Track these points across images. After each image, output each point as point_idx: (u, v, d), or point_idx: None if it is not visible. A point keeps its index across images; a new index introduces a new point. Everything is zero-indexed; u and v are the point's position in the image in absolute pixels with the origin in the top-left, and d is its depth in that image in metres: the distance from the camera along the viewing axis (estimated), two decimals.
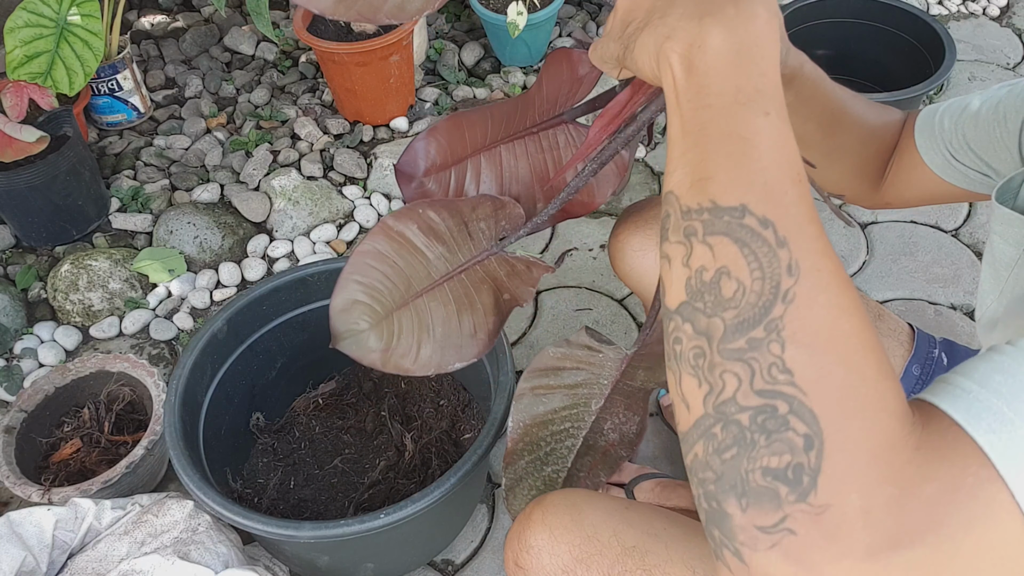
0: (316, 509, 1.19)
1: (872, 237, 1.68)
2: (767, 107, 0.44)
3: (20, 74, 1.50)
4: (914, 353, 0.86)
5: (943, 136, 0.77)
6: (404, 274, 0.78)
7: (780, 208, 0.41)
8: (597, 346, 0.82)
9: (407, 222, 0.78)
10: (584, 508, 0.71)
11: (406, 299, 0.78)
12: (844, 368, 0.39)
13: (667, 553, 0.68)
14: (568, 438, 0.81)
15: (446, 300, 0.79)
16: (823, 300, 0.40)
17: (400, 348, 0.78)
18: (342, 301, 0.78)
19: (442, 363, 0.78)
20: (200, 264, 1.59)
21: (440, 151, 0.82)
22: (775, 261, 0.41)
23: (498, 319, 0.80)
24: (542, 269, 0.81)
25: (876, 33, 1.88)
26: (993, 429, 0.38)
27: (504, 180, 0.83)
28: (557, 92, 0.79)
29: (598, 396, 0.81)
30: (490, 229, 0.80)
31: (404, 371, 0.77)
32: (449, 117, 0.82)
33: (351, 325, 0.78)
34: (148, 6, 2.21)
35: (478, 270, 0.80)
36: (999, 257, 0.65)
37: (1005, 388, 0.39)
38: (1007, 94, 0.73)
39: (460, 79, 1.98)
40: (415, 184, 0.82)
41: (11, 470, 1.15)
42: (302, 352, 1.27)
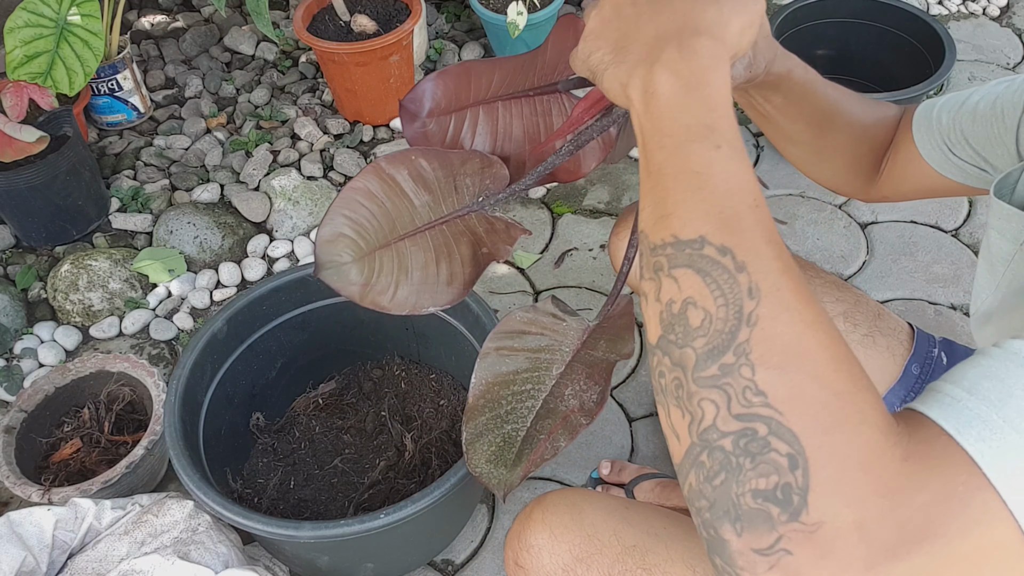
0: (316, 509, 1.19)
1: (872, 237, 1.68)
2: (717, 141, 0.45)
3: (20, 74, 1.50)
4: (914, 352, 0.86)
5: (941, 131, 0.77)
6: (390, 216, 0.81)
7: (736, 235, 0.43)
8: (561, 315, 0.84)
9: (399, 166, 0.81)
10: (584, 507, 0.71)
11: (389, 240, 0.81)
12: (816, 383, 0.39)
13: (667, 552, 0.68)
14: (528, 399, 0.83)
15: (426, 247, 0.82)
16: (786, 318, 0.41)
17: (379, 285, 0.81)
18: (328, 232, 0.80)
19: (417, 305, 0.81)
20: (200, 264, 1.59)
21: (446, 94, 0.84)
22: (736, 286, 0.41)
23: (474, 270, 0.83)
24: (519, 231, 0.84)
25: (876, 33, 1.88)
26: (983, 437, 0.38)
27: (498, 136, 0.85)
28: (559, 58, 0.81)
29: (559, 362, 0.83)
30: (475, 185, 0.83)
31: (380, 307, 0.80)
32: (460, 64, 0.84)
33: (334, 256, 0.80)
34: (148, 6, 2.21)
35: (459, 223, 0.83)
36: (995, 252, 0.65)
37: (994, 394, 0.40)
38: (1005, 90, 0.73)
39: None
40: (417, 124, 0.85)
41: (11, 470, 1.15)
42: (302, 352, 1.27)
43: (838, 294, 0.89)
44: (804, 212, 1.71)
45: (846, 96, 0.82)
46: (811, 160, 0.85)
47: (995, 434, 0.38)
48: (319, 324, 1.25)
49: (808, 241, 1.66)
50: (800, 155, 0.86)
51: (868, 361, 0.85)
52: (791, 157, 0.87)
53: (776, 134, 0.85)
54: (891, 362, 0.86)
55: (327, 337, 1.27)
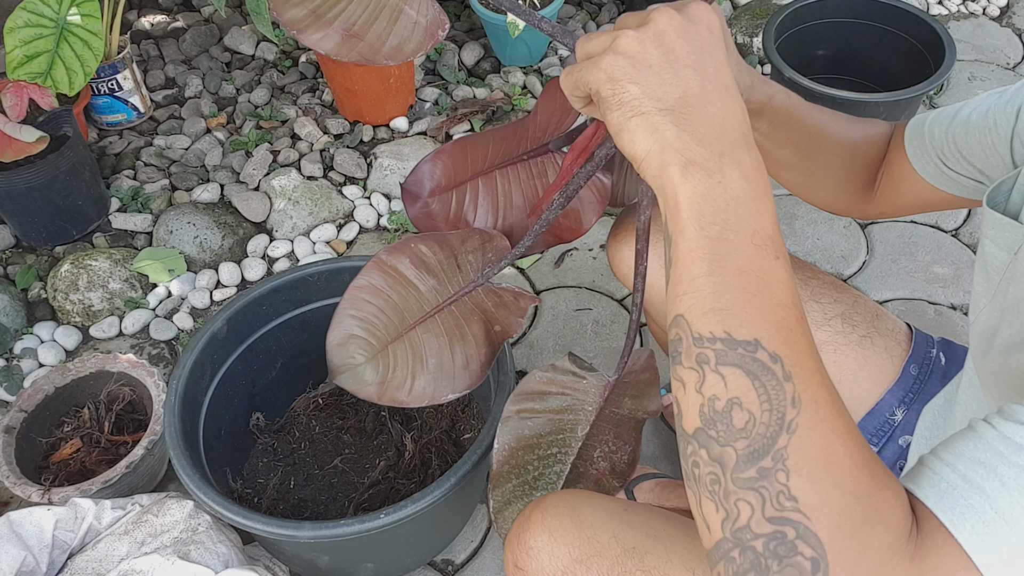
0: (316, 509, 1.19)
1: (872, 237, 1.68)
2: (777, 252, 0.47)
3: (20, 74, 1.50)
4: (912, 353, 0.86)
5: (934, 145, 0.78)
6: (398, 307, 0.80)
7: (788, 344, 0.45)
8: (580, 372, 0.83)
9: (400, 256, 0.81)
10: (583, 509, 0.71)
11: (400, 331, 0.80)
12: (841, 490, 0.42)
13: (666, 554, 0.68)
14: (556, 463, 0.81)
15: (438, 332, 0.80)
16: (820, 429, 0.43)
17: (395, 381, 0.79)
18: (338, 336, 0.79)
19: (436, 394, 0.80)
20: (200, 264, 1.59)
21: (445, 173, 0.84)
22: (782, 394, 0.43)
23: (489, 350, 0.81)
24: (528, 300, 0.83)
25: (876, 33, 1.88)
26: (976, 531, 0.40)
27: (499, 205, 0.85)
28: (548, 120, 0.81)
29: (583, 423, 0.82)
30: (477, 261, 0.82)
31: (399, 403, 0.79)
32: (455, 141, 0.84)
33: (347, 359, 0.79)
34: (148, 6, 2.21)
35: (467, 301, 0.82)
36: (991, 262, 0.65)
37: (987, 484, 0.41)
38: (996, 100, 0.73)
39: (460, 79, 1.98)
40: (420, 204, 0.84)
41: (11, 470, 1.15)
42: (302, 352, 1.27)
43: (836, 295, 0.89)
44: (804, 212, 1.71)
45: (832, 116, 0.83)
46: (804, 183, 0.86)
47: (987, 527, 0.40)
48: (319, 324, 1.25)
49: (808, 241, 1.66)
50: (793, 179, 0.86)
51: (866, 362, 0.86)
52: (785, 182, 0.88)
53: (766, 161, 0.85)
54: (889, 363, 0.86)
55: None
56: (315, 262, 1.20)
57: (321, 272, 1.20)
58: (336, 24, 0.67)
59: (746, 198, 0.48)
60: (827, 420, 0.44)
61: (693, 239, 0.48)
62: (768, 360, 0.44)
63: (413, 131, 1.85)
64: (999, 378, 0.63)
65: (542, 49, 2.03)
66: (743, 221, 0.47)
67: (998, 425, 0.44)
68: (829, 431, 0.43)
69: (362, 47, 0.67)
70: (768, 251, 0.47)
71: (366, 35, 0.67)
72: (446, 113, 1.87)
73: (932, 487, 0.43)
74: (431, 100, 1.92)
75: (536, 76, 1.98)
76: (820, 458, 0.43)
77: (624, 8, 2.23)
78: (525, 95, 1.93)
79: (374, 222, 1.69)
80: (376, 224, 1.69)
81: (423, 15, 0.69)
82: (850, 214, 0.90)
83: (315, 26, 0.67)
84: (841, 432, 0.44)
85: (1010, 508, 0.40)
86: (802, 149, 0.81)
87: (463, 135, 0.91)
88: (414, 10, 0.68)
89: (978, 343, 0.68)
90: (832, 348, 0.86)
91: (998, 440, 0.43)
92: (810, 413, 0.43)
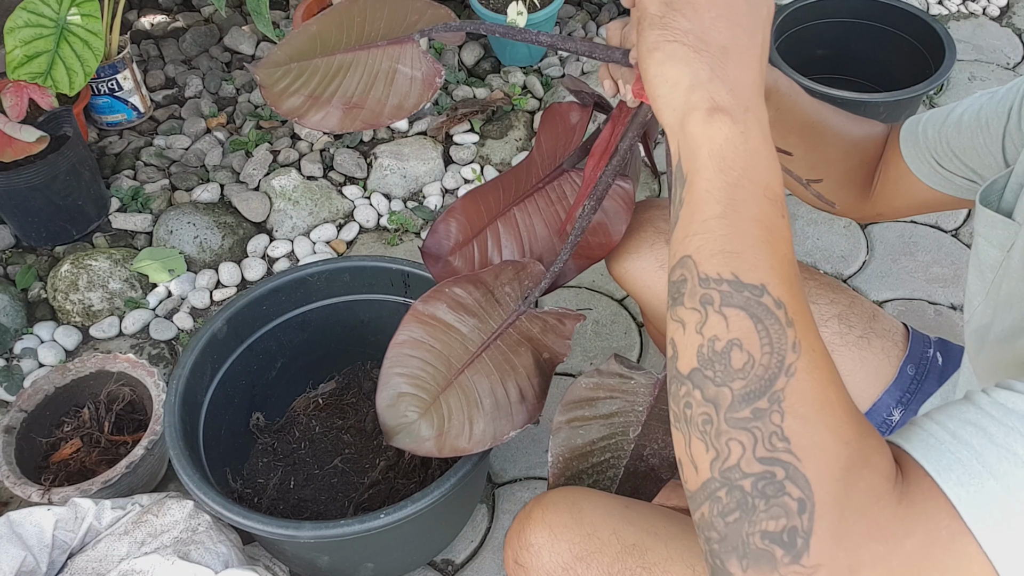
0: (316, 509, 1.19)
1: (872, 237, 1.68)
2: (783, 211, 0.49)
3: (20, 74, 1.50)
4: (908, 353, 0.87)
5: (928, 145, 0.79)
6: (443, 354, 0.80)
7: (791, 293, 0.46)
8: (628, 372, 0.80)
9: (435, 303, 0.80)
10: (584, 506, 0.71)
11: (449, 379, 0.79)
12: (832, 434, 0.43)
13: (667, 551, 0.68)
14: (610, 468, 0.80)
15: (488, 370, 0.80)
16: (817, 375, 0.44)
17: (453, 430, 0.78)
18: (387, 396, 0.78)
19: (497, 434, 0.78)
20: (200, 264, 1.59)
21: (461, 228, 0.85)
22: (784, 338, 0.45)
23: (542, 379, 0.80)
24: (574, 319, 0.82)
25: (876, 33, 1.88)
26: (962, 482, 0.41)
27: (523, 240, 0.85)
28: (555, 146, 0.82)
29: (635, 424, 0.80)
30: (515, 291, 0.82)
31: (461, 451, 0.77)
32: (465, 196, 0.85)
33: (400, 419, 0.78)
34: (148, 6, 2.21)
35: (512, 333, 0.81)
36: (984, 259, 0.65)
37: (976, 441, 0.42)
38: (988, 100, 0.74)
39: (460, 79, 1.98)
40: (441, 264, 0.85)
41: (11, 470, 1.15)
42: (302, 352, 1.27)
43: (833, 296, 0.89)
44: (804, 212, 1.71)
45: (832, 110, 0.84)
46: (804, 176, 0.86)
47: (974, 480, 0.41)
48: (319, 324, 1.25)
49: (808, 241, 1.66)
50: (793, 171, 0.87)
51: (863, 363, 0.86)
52: (785, 178, 0.88)
53: None
54: (886, 363, 0.86)
55: (327, 337, 1.27)
56: (315, 262, 1.20)
57: (321, 272, 1.20)
58: (335, 100, 0.68)
59: (764, 153, 0.49)
60: (823, 367, 0.45)
61: (711, 180, 0.48)
62: (773, 305, 0.45)
63: (413, 131, 1.85)
64: (996, 370, 0.63)
65: (542, 49, 2.03)
66: (760, 173, 0.48)
67: (992, 392, 0.44)
68: (824, 378, 0.45)
69: (364, 115, 0.68)
70: (778, 207, 0.48)
71: (366, 103, 0.69)
72: (446, 113, 1.87)
73: (920, 441, 0.44)
74: (431, 100, 1.92)
75: (536, 76, 1.99)
76: (815, 402, 0.44)
77: (623, 10, 2.23)
78: (525, 95, 1.93)
79: (374, 222, 1.69)
80: (376, 224, 1.69)
81: (417, 69, 0.70)
82: (849, 214, 0.91)
83: (315, 108, 0.68)
84: (834, 380, 0.45)
85: (997, 463, 0.41)
86: (805, 139, 0.81)
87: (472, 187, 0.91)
88: (408, 67, 0.70)
89: (973, 340, 0.68)
90: (829, 349, 0.86)
91: (990, 405, 0.44)
92: (808, 359, 0.44)
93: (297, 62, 0.69)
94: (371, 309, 1.25)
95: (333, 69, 0.69)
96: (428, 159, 1.76)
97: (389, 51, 0.69)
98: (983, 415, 0.43)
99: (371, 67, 0.69)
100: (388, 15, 0.70)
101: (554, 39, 0.66)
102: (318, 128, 0.68)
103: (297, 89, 0.69)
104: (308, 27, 0.71)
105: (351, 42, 0.69)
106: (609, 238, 0.83)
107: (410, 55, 0.70)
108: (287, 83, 0.69)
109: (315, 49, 0.70)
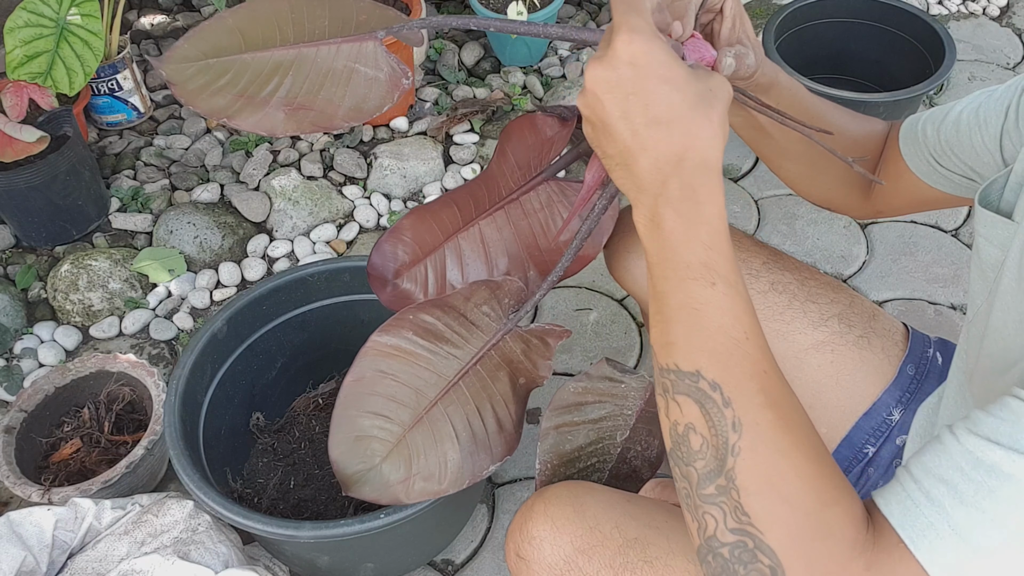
0: (316, 509, 1.19)
1: (872, 237, 1.68)
2: (713, 279, 0.50)
3: (20, 74, 1.50)
4: (908, 353, 0.87)
5: (926, 143, 0.79)
6: (409, 387, 0.73)
7: (726, 371, 0.48)
8: (619, 376, 0.79)
9: (398, 332, 0.74)
10: (586, 500, 0.71)
11: (419, 413, 0.73)
12: (788, 506, 0.46)
13: (668, 545, 0.69)
14: (595, 472, 0.79)
15: (464, 400, 0.74)
16: (762, 450, 0.47)
17: (424, 470, 0.72)
18: (342, 440, 0.72)
19: (475, 472, 0.73)
20: (200, 264, 1.59)
21: (407, 249, 0.79)
22: (723, 420, 0.48)
23: (518, 406, 0.76)
24: (556, 336, 0.77)
25: (876, 33, 1.88)
26: (934, 548, 0.43)
27: (490, 255, 0.79)
28: (527, 157, 0.78)
29: (623, 427, 0.79)
30: (495, 310, 0.76)
31: (435, 494, 0.71)
32: (411, 211, 0.79)
33: (359, 464, 0.72)
34: (148, 6, 2.21)
35: (493, 355, 0.75)
36: (985, 259, 0.66)
37: (947, 500, 0.44)
38: (987, 98, 0.74)
39: (460, 79, 1.98)
40: (389, 288, 0.79)
41: (11, 470, 1.15)
42: (302, 352, 1.27)
43: (833, 295, 0.89)
44: (804, 212, 1.71)
45: (832, 106, 0.84)
46: (806, 173, 0.87)
47: (943, 542, 0.43)
48: (319, 324, 1.25)
49: (808, 241, 1.66)
50: (795, 169, 0.87)
51: (863, 363, 0.86)
52: (787, 174, 0.89)
53: (772, 150, 0.86)
54: (886, 363, 0.86)
55: (327, 337, 1.27)
56: (315, 262, 1.20)
57: (321, 272, 1.20)
58: (274, 101, 0.63)
59: (677, 233, 0.50)
60: (770, 440, 0.47)
61: (648, 281, 0.53)
62: (708, 388, 0.49)
63: (413, 131, 1.85)
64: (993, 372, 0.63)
65: (542, 49, 2.03)
66: (678, 257, 0.50)
67: (962, 438, 0.46)
68: (772, 451, 0.47)
69: (314, 116, 0.63)
70: (702, 281, 0.50)
71: (315, 103, 0.64)
72: (446, 113, 1.87)
73: (898, 504, 0.46)
74: (431, 100, 1.92)
75: (536, 76, 1.99)
76: (764, 477, 0.46)
77: None
78: (525, 95, 1.93)
79: (374, 222, 1.69)
80: (376, 224, 1.69)
81: (379, 70, 0.65)
82: (848, 212, 0.91)
83: (248, 108, 0.63)
84: (786, 450, 0.47)
85: (967, 526, 0.43)
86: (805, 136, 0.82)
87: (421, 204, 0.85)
88: (368, 67, 0.65)
89: (974, 340, 0.68)
90: (830, 348, 0.86)
91: (960, 455, 0.45)
92: (751, 436, 0.47)
93: (216, 58, 0.64)
94: (371, 309, 1.25)
95: (269, 67, 0.64)
96: (428, 159, 1.76)
97: (344, 49, 0.64)
98: (954, 469, 0.45)
99: (320, 66, 0.64)
100: (331, 14, 0.65)
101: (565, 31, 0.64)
102: (255, 130, 0.63)
103: (221, 88, 0.63)
104: (223, 19, 0.65)
105: (289, 39, 0.64)
106: (593, 248, 0.80)
107: (371, 54, 0.65)
108: (206, 80, 0.63)
109: (238, 45, 0.64)
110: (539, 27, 0.63)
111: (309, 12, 0.65)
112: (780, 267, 0.90)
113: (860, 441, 0.84)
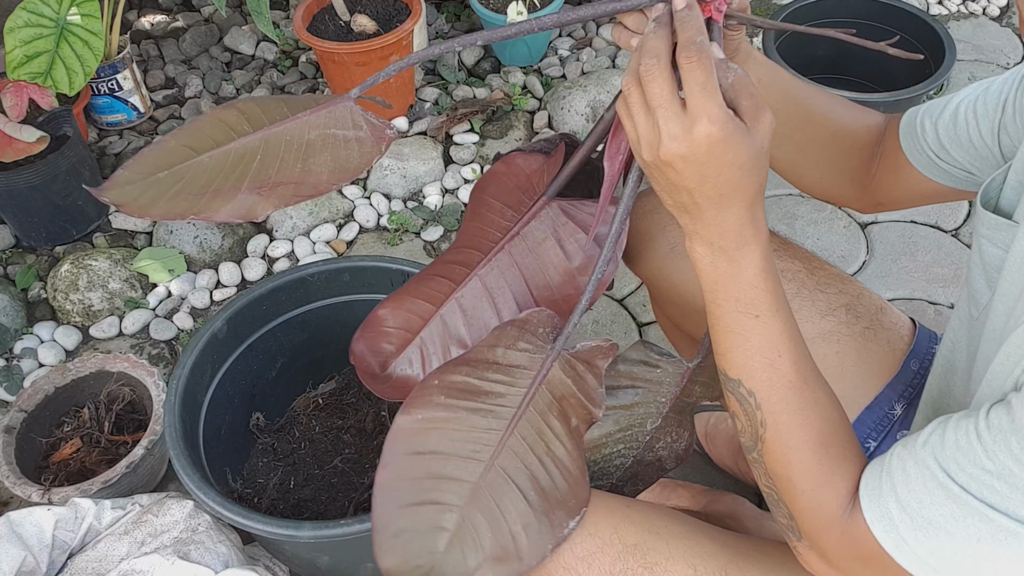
0: (316, 509, 1.19)
1: (872, 237, 1.68)
2: (757, 311, 0.62)
3: (20, 74, 1.50)
4: (913, 348, 0.87)
5: (925, 137, 0.79)
6: (458, 456, 0.64)
7: (759, 384, 0.63)
8: (656, 360, 0.74)
9: (426, 401, 0.64)
10: None
11: (474, 481, 0.63)
12: (792, 484, 0.63)
13: (668, 550, 0.68)
14: (618, 458, 0.77)
15: (522, 451, 0.65)
16: (778, 444, 0.63)
17: (492, 550, 0.62)
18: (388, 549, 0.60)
19: (556, 533, 0.64)
20: (200, 264, 1.59)
21: (391, 339, 0.74)
22: (755, 417, 0.64)
23: (574, 443, 0.67)
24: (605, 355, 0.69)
25: (876, 33, 1.88)
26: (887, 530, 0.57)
27: (496, 303, 0.73)
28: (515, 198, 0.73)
29: (654, 415, 0.74)
30: (533, 344, 0.68)
31: (517, 575, 0.62)
32: (387, 299, 0.75)
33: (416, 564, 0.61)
34: (148, 6, 2.21)
35: (545, 391, 0.67)
36: (988, 260, 0.65)
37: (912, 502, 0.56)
38: (984, 92, 0.74)
39: (460, 79, 1.98)
40: (381, 381, 0.73)
41: (11, 470, 1.15)
42: (302, 352, 1.27)
43: (842, 286, 0.89)
44: (804, 212, 1.71)
45: (818, 91, 0.85)
46: (795, 159, 0.85)
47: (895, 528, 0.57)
48: (319, 324, 1.25)
49: (808, 241, 1.66)
50: (786, 156, 0.86)
51: (867, 354, 0.86)
52: (779, 162, 0.87)
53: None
54: (890, 356, 0.86)
55: (327, 337, 1.27)
56: (315, 262, 1.20)
57: (321, 272, 1.20)
58: (245, 186, 0.60)
59: (729, 274, 0.62)
60: (784, 435, 0.63)
61: (704, 295, 0.65)
62: (746, 394, 0.64)
63: (413, 131, 1.85)
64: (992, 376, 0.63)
65: (542, 49, 2.03)
66: (728, 291, 0.62)
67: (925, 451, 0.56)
68: (784, 446, 0.63)
69: (295, 188, 0.61)
70: (747, 313, 0.62)
71: (292, 177, 0.61)
72: (446, 113, 1.87)
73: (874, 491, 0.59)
74: (431, 100, 1.92)
75: (536, 76, 1.98)
76: (780, 461, 0.64)
77: None
78: (525, 95, 1.93)
79: (374, 222, 1.69)
80: (376, 224, 1.69)
81: (359, 129, 0.63)
82: (848, 203, 0.90)
83: (217, 200, 0.60)
84: (794, 446, 0.63)
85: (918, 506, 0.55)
86: (792, 117, 0.81)
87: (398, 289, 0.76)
88: (345, 130, 0.62)
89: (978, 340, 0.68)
90: (835, 338, 0.86)
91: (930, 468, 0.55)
92: (773, 432, 0.63)
93: (167, 170, 0.61)
94: (371, 309, 1.24)
95: (232, 159, 0.61)
96: (428, 159, 1.76)
97: (314, 120, 0.62)
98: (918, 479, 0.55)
99: (292, 142, 0.61)
100: (288, 108, 0.63)
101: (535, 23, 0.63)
102: (231, 219, 0.60)
103: (179, 192, 0.59)
104: (164, 143, 0.62)
105: (246, 132, 0.62)
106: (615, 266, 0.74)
107: (346, 116, 0.62)
108: (158, 192, 0.60)
109: (188, 157, 0.61)
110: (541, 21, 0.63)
111: (265, 110, 0.63)
112: (790, 255, 0.90)
113: (862, 435, 0.84)
